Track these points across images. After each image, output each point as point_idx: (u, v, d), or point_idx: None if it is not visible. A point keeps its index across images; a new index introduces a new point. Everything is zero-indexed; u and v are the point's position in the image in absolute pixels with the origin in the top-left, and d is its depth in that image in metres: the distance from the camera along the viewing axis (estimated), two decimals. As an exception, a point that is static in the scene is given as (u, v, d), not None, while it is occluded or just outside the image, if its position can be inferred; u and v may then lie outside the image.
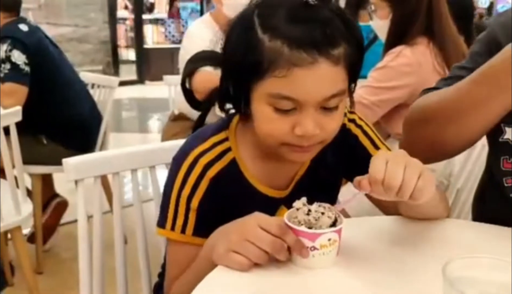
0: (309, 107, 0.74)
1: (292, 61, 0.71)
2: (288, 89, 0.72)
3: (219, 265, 0.71)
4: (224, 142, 0.85)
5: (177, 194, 0.83)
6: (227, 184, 0.83)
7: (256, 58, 0.72)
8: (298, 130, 0.74)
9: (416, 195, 0.68)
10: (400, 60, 1.64)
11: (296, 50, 0.70)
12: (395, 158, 0.69)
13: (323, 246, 0.69)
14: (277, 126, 0.75)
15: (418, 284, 0.68)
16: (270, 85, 0.73)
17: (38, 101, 2.17)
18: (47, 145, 2.25)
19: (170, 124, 2.28)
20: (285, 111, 0.74)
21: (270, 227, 0.69)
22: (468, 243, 0.81)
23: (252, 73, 0.74)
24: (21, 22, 2.24)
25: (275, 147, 0.79)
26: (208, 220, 0.82)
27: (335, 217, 0.72)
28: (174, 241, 0.85)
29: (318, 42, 0.71)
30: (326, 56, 0.72)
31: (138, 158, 1.07)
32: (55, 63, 2.29)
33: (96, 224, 1.03)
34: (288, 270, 0.70)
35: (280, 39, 0.71)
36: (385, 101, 1.67)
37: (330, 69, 0.72)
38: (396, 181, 0.67)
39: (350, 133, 0.91)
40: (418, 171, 0.68)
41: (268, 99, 0.74)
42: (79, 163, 1.00)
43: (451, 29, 1.70)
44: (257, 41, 0.73)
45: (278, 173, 0.88)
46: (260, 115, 0.77)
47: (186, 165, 0.82)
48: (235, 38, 0.77)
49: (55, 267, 2.29)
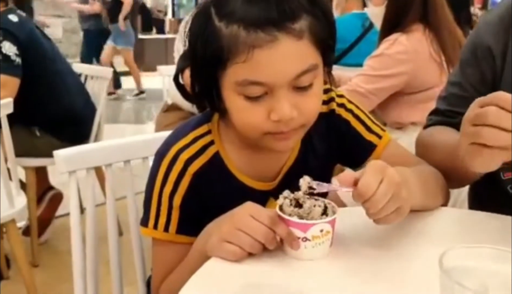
0: (280, 89, 0.70)
1: (251, 43, 0.67)
2: (253, 73, 0.69)
3: (213, 256, 0.70)
4: (206, 136, 0.83)
5: (159, 191, 0.81)
6: (211, 179, 0.81)
7: (216, 47, 0.69)
8: (274, 115, 0.71)
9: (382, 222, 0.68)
10: (396, 47, 1.63)
11: (253, 30, 0.67)
12: (387, 184, 0.66)
13: (315, 237, 0.68)
14: (252, 115, 0.72)
15: (414, 274, 0.68)
16: (234, 73, 0.70)
17: (31, 93, 2.14)
18: (41, 137, 2.23)
19: (163, 114, 2.27)
20: (256, 98, 0.71)
21: (261, 217, 0.68)
22: (464, 232, 0.81)
23: (215, 64, 0.71)
24: (11, 13, 2.20)
25: (257, 139, 0.76)
26: (192, 218, 0.80)
27: (325, 205, 0.71)
28: (157, 240, 0.83)
29: (274, 18, 0.67)
30: (286, 31, 0.68)
31: (131, 149, 1.06)
32: (47, 54, 2.26)
33: (89, 216, 1.02)
34: (280, 261, 0.70)
35: (236, 23, 0.68)
36: (381, 89, 1.66)
37: (294, 45, 0.69)
38: (374, 209, 0.66)
39: (340, 118, 0.88)
40: (397, 205, 0.67)
41: (236, 88, 0.71)
42: (71, 155, 0.98)
43: (447, 16, 1.69)
44: (215, 30, 0.70)
45: (265, 164, 0.85)
46: (233, 107, 0.74)
47: (167, 161, 0.80)
48: (194, 31, 0.74)
49: (51, 260, 2.29)
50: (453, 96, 0.98)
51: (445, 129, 0.96)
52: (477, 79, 0.94)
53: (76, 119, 2.32)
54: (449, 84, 1.01)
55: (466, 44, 0.99)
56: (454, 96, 0.97)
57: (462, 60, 0.98)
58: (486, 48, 0.91)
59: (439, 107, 1.01)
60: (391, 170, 0.68)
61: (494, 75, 0.92)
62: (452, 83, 1.00)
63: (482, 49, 0.92)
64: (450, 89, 1.00)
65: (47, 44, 2.32)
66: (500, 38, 0.90)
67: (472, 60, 0.95)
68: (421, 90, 1.67)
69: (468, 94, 0.94)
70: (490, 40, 0.91)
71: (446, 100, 0.99)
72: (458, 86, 0.97)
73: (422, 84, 1.66)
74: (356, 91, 1.64)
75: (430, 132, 1.00)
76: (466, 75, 0.95)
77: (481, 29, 0.94)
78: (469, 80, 0.95)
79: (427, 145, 0.96)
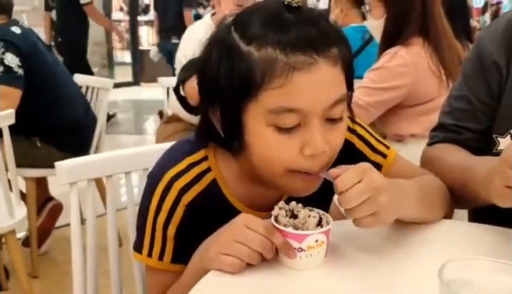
0: (315, 119, 0.67)
1: (290, 65, 0.64)
2: (290, 99, 0.65)
3: (211, 269, 0.70)
4: (202, 163, 0.78)
5: (153, 219, 0.77)
6: (207, 208, 0.77)
7: (246, 73, 0.65)
8: (308, 149, 0.67)
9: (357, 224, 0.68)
10: (395, 60, 1.63)
11: (291, 53, 0.64)
12: (363, 185, 0.65)
13: (310, 248, 0.69)
14: (283, 149, 0.67)
15: (411, 286, 0.67)
16: (267, 100, 0.65)
17: (32, 104, 2.15)
18: (41, 148, 2.23)
19: (164, 126, 2.27)
20: (289, 129, 0.67)
21: (257, 228, 0.68)
22: (463, 243, 0.80)
23: (243, 93, 0.66)
24: (14, 25, 2.23)
25: (278, 177, 0.71)
26: (187, 247, 0.77)
27: (319, 216, 0.71)
28: (152, 268, 0.81)
29: (315, 40, 0.65)
30: (325, 55, 0.66)
31: (132, 161, 1.06)
32: (48, 65, 2.28)
33: (89, 227, 1.02)
34: (276, 272, 0.69)
35: (270, 45, 0.65)
36: (381, 102, 1.67)
37: (331, 70, 0.67)
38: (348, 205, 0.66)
39: (345, 141, 0.85)
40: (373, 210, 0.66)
41: (267, 118, 0.66)
42: (72, 166, 0.99)
43: (446, 29, 1.70)
44: (243, 55, 0.65)
45: (264, 193, 0.81)
46: (260, 141, 0.69)
47: (161, 189, 0.76)
48: (215, 61, 0.69)
49: (50, 271, 2.28)
50: (458, 111, 0.96)
51: (454, 149, 0.94)
52: (483, 91, 0.92)
53: (77, 130, 2.33)
54: (452, 99, 0.99)
55: (468, 57, 0.98)
56: (459, 110, 0.95)
57: (466, 73, 0.97)
58: (491, 61, 0.90)
59: (444, 122, 0.98)
60: (374, 175, 0.67)
61: (500, 87, 0.91)
62: (455, 97, 0.98)
63: (487, 61, 0.91)
64: (454, 103, 0.98)
65: (49, 56, 2.34)
66: (504, 50, 0.90)
67: (477, 72, 0.93)
68: (421, 102, 1.68)
69: (474, 108, 0.93)
70: (494, 52, 0.90)
71: (451, 115, 0.97)
72: (463, 100, 0.95)
73: (422, 97, 1.67)
74: (356, 104, 1.64)
75: (439, 151, 0.97)
76: (471, 88, 0.94)
77: (484, 42, 0.93)
78: (474, 93, 0.93)
79: (433, 164, 0.94)
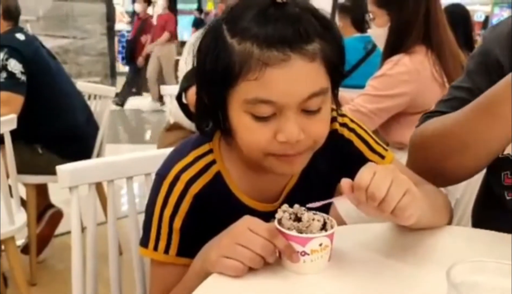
0: (289, 110, 0.70)
1: (264, 60, 0.67)
2: (264, 91, 0.68)
3: (213, 272, 0.69)
4: (207, 155, 0.82)
5: (159, 214, 0.80)
6: (212, 199, 0.80)
7: (227, 63, 0.69)
8: (281, 136, 0.71)
9: (397, 212, 0.67)
10: (398, 68, 1.64)
11: (266, 48, 0.67)
12: (383, 170, 0.68)
13: (314, 251, 0.68)
14: (259, 135, 0.71)
15: (415, 292, 0.66)
16: (244, 90, 0.69)
17: (34, 111, 2.15)
18: (43, 155, 2.23)
19: (165, 133, 2.28)
20: (265, 118, 0.71)
21: (260, 231, 0.68)
22: (468, 250, 0.80)
23: (225, 81, 0.70)
24: (18, 32, 2.24)
25: (261, 160, 0.75)
26: (192, 240, 0.79)
27: (324, 220, 0.71)
28: (157, 261, 0.82)
29: (289, 38, 0.67)
30: (300, 52, 0.68)
31: (133, 166, 1.06)
32: (52, 72, 2.28)
33: (90, 234, 1.01)
34: (278, 276, 0.69)
35: (249, 40, 0.68)
36: (383, 110, 1.67)
37: (306, 66, 0.69)
38: (379, 192, 0.66)
39: (343, 138, 0.87)
40: (404, 188, 0.67)
41: (245, 106, 0.71)
42: (73, 170, 0.98)
43: (449, 38, 1.70)
44: (227, 47, 0.70)
45: (267, 185, 0.84)
46: (239, 126, 0.73)
47: (168, 182, 0.79)
48: (204, 48, 0.74)
49: (49, 279, 2.26)
50: (459, 100, 0.94)
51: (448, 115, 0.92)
52: (486, 84, 0.90)
53: (79, 137, 2.33)
54: (453, 89, 0.98)
55: (472, 55, 0.97)
56: (460, 100, 0.93)
57: (470, 69, 0.96)
58: (495, 59, 0.90)
59: (440, 110, 0.97)
60: (385, 166, 0.69)
61: None
62: (458, 87, 0.97)
63: (491, 58, 0.91)
64: (456, 93, 0.96)
65: (52, 63, 2.34)
66: (508, 52, 0.89)
67: (481, 69, 0.93)
68: (423, 110, 1.67)
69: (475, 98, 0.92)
70: (498, 53, 0.90)
71: (449, 103, 0.96)
72: (466, 91, 0.93)
73: (424, 104, 1.67)
74: (359, 111, 1.64)
75: (431, 121, 0.95)
76: (475, 82, 0.93)
77: (490, 41, 0.94)
78: (479, 86, 0.92)
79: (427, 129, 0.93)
